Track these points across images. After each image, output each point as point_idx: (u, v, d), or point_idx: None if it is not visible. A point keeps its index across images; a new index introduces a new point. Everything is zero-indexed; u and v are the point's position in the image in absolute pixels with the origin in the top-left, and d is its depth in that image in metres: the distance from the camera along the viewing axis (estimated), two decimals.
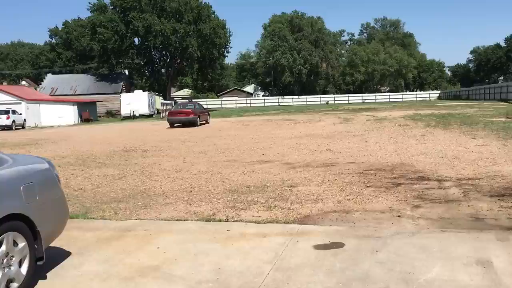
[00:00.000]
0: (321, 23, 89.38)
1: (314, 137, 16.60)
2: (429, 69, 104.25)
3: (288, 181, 8.44)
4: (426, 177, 8.27)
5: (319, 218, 5.92)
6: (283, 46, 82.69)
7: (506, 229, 5.13)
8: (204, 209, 6.59)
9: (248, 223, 5.81)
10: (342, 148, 13.05)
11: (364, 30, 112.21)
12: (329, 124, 23.63)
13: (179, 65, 66.73)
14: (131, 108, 47.43)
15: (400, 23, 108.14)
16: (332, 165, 10.11)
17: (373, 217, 5.84)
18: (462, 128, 17.27)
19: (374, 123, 22.50)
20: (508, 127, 16.63)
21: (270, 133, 19.40)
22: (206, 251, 4.82)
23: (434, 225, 5.41)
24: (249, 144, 15.23)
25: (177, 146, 15.68)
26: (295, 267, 4.27)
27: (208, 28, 59.39)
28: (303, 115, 33.93)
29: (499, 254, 4.33)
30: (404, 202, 6.51)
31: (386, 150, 12.06)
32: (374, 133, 17.28)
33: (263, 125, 25.12)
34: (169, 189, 8.18)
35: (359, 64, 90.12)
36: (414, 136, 15.39)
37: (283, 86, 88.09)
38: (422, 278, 3.87)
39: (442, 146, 12.45)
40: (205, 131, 23.05)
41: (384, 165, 9.73)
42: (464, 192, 6.95)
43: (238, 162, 11.16)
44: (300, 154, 12.14)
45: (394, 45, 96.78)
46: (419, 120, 22.87)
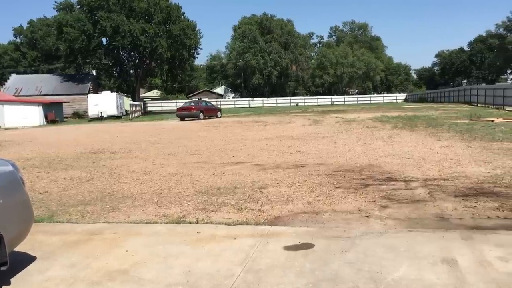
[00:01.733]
0: (290, 26, 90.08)
1: (284, 139, 16.69)
2: (396, 72, 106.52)
3: (259, 182, 8.46)
4: (393, 178, 8.42)
5: (289, 219, 5.95)
6: (253, 48, 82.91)
7: (470, 228, 5.27)
8: (174, 211, 6.53)
9: (218, 225, 5.79)
10: (312, 149, 13.16)
11: (333, 33, 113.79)
12: (299, 125, 23.80)
13: (148, 66, 66.00)
14: (99, 109, 46.59)
15: (368, 26, 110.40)
16: (302, 166, 10.19)
17: (342, 218, 5.91)
18: (428, 130, 17.68)
19: (343, 125, 22.78)
20: (471, 129, 17.13)
21: (241, 135, 19.40)
22: (176, 253, 4.77)
23: (401, 225, 5.52)
24: (220, 146, 15.19)
25: (147, 148, 15.49)
26: (266, 268, 4.28)
27: (178, 29, 58.96)
28: (273, 117, 34.07)
29: (464, 253, 4.45)
30: (372, 203, 6.61)
31: (355, 152, 12.23)
32: (343, 134, 17.50)
33: (234, 127, 25.11)
34: (138, 192, 8.07)
35: (328, 67, 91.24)
36: (381, 137, 15.67)
37: (254, 88, 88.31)
38: (390, 278, 3.94)
39: (408, 147, 12.71)
40: (175, 133, 22.85)
41: (353, 166, 9.86)
42: (430, 192, 7.12)
43: (208, 164, 11.11)
44: (271, 156, 12.18)
45: (362, 48, 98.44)
46: (386, 122, 23.30)
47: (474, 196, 6.74)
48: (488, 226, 5.34)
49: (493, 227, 5.28)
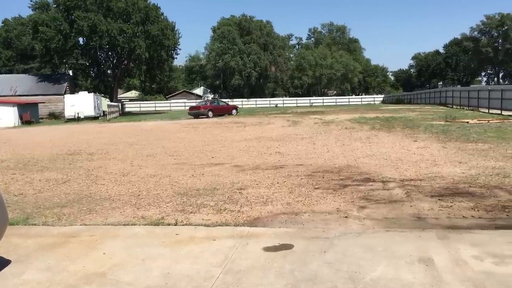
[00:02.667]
0: (269, 27, 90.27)
1: (264, 140, 16.72)
2: (373, 73, 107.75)
3: (238, 183, 8.45)
4: (371, 178, 8.52)
5: (268, 220, 5.96)
6: (233, 49, 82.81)
7: (446, 227, 5.37)
8: (153, 213, 6.48)
9: (197, 226, 5.77)
10: (291, 150, 13.22)
11: (312, 34, 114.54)
12: (278, 127, 23.87)
13: (126, 66, 65.27)
14: (76, 110, 45.87)
15: (346, 28, 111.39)
16: (281, 167, 10.21)
17: (321, 218, 5.95)
18: (405, 131, 17.93)
19: (322, 126, 22.94)
20: (447, 130, 17.44)
21: (220, 136, 19.36)
22: (154, 255, 4.73)
23: (379, 225, 5.58)
24: (199, 147, 15.12)
25: (125, 149, 15.32)
26: (245, 269, 4.28)
27: (156, 29, 58.46)
28: (252, 118, 34.10)
29: (440, 252, 4.52)
30: (350, 203, 6.67)
31: (334, 153, 12.32)
32: (322, 135, 17.62)
33: (213, 128, 25.04)
34: (116, 193, 7.98)
35: (307, 68, 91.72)
36: (360, 138, 15.83)
37: (233, 89, 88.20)
38: (368, 277, 3.98)
39: (386, 148, 12.87)
40: (154, 134, 22.65)
41: (331, 167, 9.94)
42: (407, 192, 7.22)
43: (187, 165, 11.06)
44: (250, 157, 12.19)
45: (341, 50, 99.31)
46: (364, 123, 23.54)
47: (450, 196, 6.86)
48: (464, 225, 5.45)
49: (468, 227, 5.38)
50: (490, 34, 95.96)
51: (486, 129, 17.38)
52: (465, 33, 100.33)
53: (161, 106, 77.31)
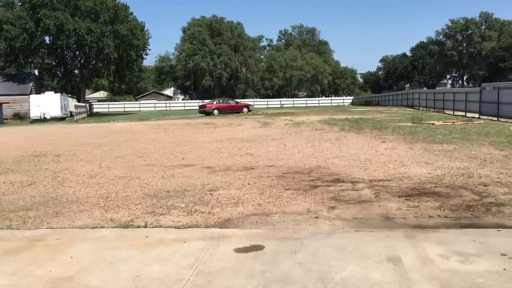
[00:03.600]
0: (240, 28, 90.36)
1: (234, 141, 16.70)
2: (343, 75, 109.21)
3: (209, 185, 8.41)
4: (341, 179, 8.62)
5: (239, 222, 5.95)
6: (203, 50, 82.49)
7: (413, 227, 5.48)
8: (122, 215, 6.38)
9: (168, 228, 5.71)
10: (262, 151, 13.25)
11: (282, 36, 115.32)
12: (249, 128, 23.89)
13: (94, 66, 64.07)
14: (42, 111, 44.69)
15: (316, 31, 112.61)
16: (252, 168, 10.23)
17: (291, 219, 5.98)
18: (373, 132, 18.23)
19: (292, 127, 23.08)
20: (414, 131, 17.83)
21: (190, 137, 19.23)
22: (123, 258, 4.66)
23: (348, 225, 5.66)
24: (169, 148, 14.98)
25: (93, 151, 15.04)
26: (216, 271, 4.26)
27: (125, 29, 57.61)
28: (223, 119, 34.02)
29: (407, 251, 4.62)
30: (321, 204, 6.74)
31: (304, 154, 12.42)
32: (292, 137, 17.73)
33: (183, 129, 24.85)
34: (83, 196, 7.82)
35: (278, 70, 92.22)
36: (329, 139, 16.00)
37: (204, 90, 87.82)
38: (338, 277, 4.03)
39: (355, 149, 13.05)
40: (123, 135, 22.31)
41: (302, 168, 10.01)
42: (376, 193, 7.34)
43: (157, 167, 10.94)
44: (221, 158, 12.15)
45: (311, 52, 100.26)
46: (334, 124, 23.82)
47: (416, 196, 7.01)
48: (430, 224, 5.58)
49: (434, 226, 5.51)
50: (455, 38, 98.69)
51: (451, 131, 17.85)
52: (431, 37, 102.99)
53: (130, 107, 76.28)
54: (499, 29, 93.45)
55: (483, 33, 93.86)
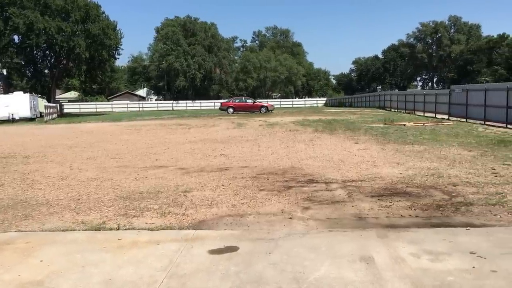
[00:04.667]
0: (214, 29, 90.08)
1: (208, 142, 16.64)
2: (316, 77, 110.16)
3: (183, 186, 8.36)
4: (314, 180, 8.69)
5: (214, 223, 5.93)
6: (177, 50, 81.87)
7: (385, 226, 5.57)
8: (93, 218, 6.27)
9: (141, 230, 5.65)
10: (236, 152, 13.24)
11: (256, 37, 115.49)
12: (223, 129, 23.84)
13: (65, 66, 62.79)
14: (10, 111, 43.53)
15: (290, 32, 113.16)
16: (226, 169, 10.21)
17: (266, 220, 6.00)
18: (346, 133, 18.45)
19: (267, 128, 23.15)
20: (386, 132, 18.12)
21: (164, 138, 19.06)
22: (95, 262, 4.58)
23: (322, 225, 5.70)
24: (142, 149, 14.81)
25: (63, 152, 14.74)
26: (190, 273, 4.23)
27: (97, 28, 56.65)
28: (197, 120, 33.86)
29: (380, 251, 4.69)
30: (295, 204, 6.77)
31: (278, 154, 12.47)
32: (266, 138, 17.77)
33: (157, 130, 24.61)
34: (53, 198, 7.65)
35: (252, 70, 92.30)
36: (303, 140, 16.11)
37: (177, 91, 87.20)
38: (312, 277, 4.05)
39: (328, 150, 13.18)
40: (95, 136, 21.94)
41: (276, 169, 10.04)
42: (349, 193, 7.43)
43: (130, 168, 10.80)
44: (195, 159, 12.09)
45: (284, 53, 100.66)
46: (308, 125, 23.99)
47: (388, 196, 7.13)
48: (402, 224, 5.67)
49: (406, 225, 5.61)
50: (425, 41, 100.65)
51: (421, 132, 18.21)
52: (402, 40, 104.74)
53: (103, 108, 75.13)
54: (467, 33, 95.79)
55: (452, 37, 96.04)
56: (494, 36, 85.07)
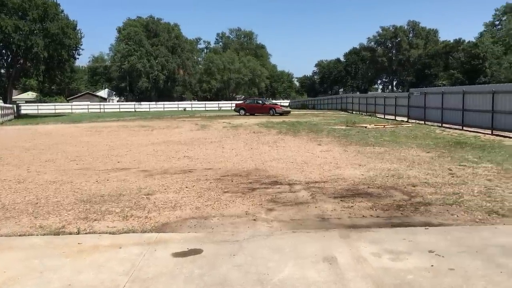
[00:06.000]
0: (177, 30, 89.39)
1: (172, 144, 16.47)
2: (279, 79, 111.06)
3: (145, 189, 8.24)
4: (278, 181, 8.74)
5: (177, 226, 5.88)
6: (139, 51, 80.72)
7: (348, 227, 5.66)
8: (52, 222, 6.09)
9: (102, 234, 5.53)
10: (200, 154, 13.16)
11: (220, 39, 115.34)
12: (187, 130, 23.66)
13: (22, 65, 60.82)
14: None
15: (253, 34, 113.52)
16: (190, 171, 10.13)
17: (230, 222, 5.99)
18: (309, 135, 18.66)
19: (231, 130, 23.13)
20: (348, 134, 18.44)
21: (126, 140, 18.74)
22: (54, 267, 4.45)
23: (286, 226, 5.74)
24: (103, 151, 14.51)
25: (20, 154, 14.25)
26: (153, 277, 4.18)
27: (56, 27, 55.14)
28: (160, 122, 33.46)
29: (342, 251, 4.76)
30: (259, 206, 6.79)
31: (242, 156, 12.47)
32: (230, 139, 17.75)
33: (118, 132, 24.16)
34: (10, 202, 7.39)
35: (216, 72, 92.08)
36: (267, 142, 16.18)
37: (140, 92, 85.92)
38: (276, 278, 4.07)
39: (292, 152, 13.29)
40: (54, 138, 21.32)
41: (240, 171, 10.05)
42: (312, 194, 7.51)
43: (91, 171, 10.56)
44: (158, 161, 11.94)
45: (248, 55, 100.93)
46: (271, 127, 24.11)
47: (350, 197, 7.25)
48: (363, 224, 5.78)
49: (367, 225, 5.72)
50: (385, 45, 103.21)
51: (382, 134, 18.64)
52: (363, 43, 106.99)
53: (62, 109, 73.14)
54: (425, 37, 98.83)
55: (411, 41, 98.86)
56: (450, 41, 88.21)
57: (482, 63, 59.50)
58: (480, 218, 5.95)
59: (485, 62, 59.49)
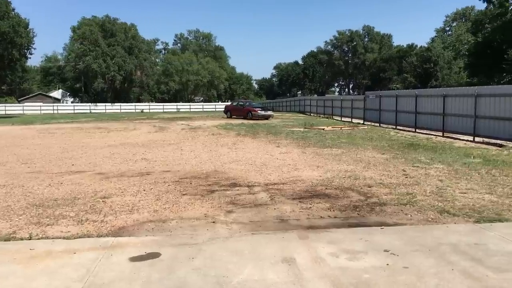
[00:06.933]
0: (134, 30, 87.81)
1: (129, 146, 16.17)
2: (238, 81, 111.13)
3: (101, 192, 8.04)
4: (238, 183, 8.74)
5: (134, 229, 5.77)
6: (95, 51, 78.76)
7: (306, 228, 5.73)
8: (2, 227, 5.85)
9: (55, 239, 5.35)
10: (158, 157, 12.99)
11: (178, 40, 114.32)
12: (145, 132, 23.30)
13: None
14: None
15: (212, 36, 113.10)
16: (147, 174, 9.98)
17: (189, 225, 5.93)
18: (268, 137, 18.77)
19: (189, 132, 22.95)
20: (306, 136, 18.68)
21: (81, 142, 18.24)
22: (5, 274, 4.27)
23: (245, 228, 5.75)
24: (57, 154, 14.06)
25: None
26: (109, 282, 4.08)
27: (6, 25, 53.02)
28: (117, 123, 32.78)
29: (301, 251, 4.81)
30: (218, 208, 6.76)
31: (201, 158, 12.40)
32: (189, 141, 17.61)
33: (73, 133, 23.49)
34: None
35: (174, 74, 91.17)
36: (226, 144, 16.16)
37: (95, 93, 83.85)
38: (235, 280, 4.07)
39: (251, 153, 13.33)
40: (3, 140, 20.47)
41: (199, 173, 9.98)
42: (271, 196, 7.56)
43: (43, 174, 10.21)
44: (114, 164, 11.69)
45: (207, 57, 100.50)
46: (230, 129, 24.11)
47: (309, 198, 7.34)
48: (321, 225, 5.86)
49: (325, 226, 5.80)
50: (342, 49, 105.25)
51: (339, 135, 18.99)
52: (320, 47, 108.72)
53: (13, 110, 70.35)
54: (379, 42, 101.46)
55: (366, 45, 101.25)
56: (404, 46, 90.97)
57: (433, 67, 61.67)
58: (432, 218, 6.16)
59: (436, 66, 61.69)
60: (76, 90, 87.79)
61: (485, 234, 5.38)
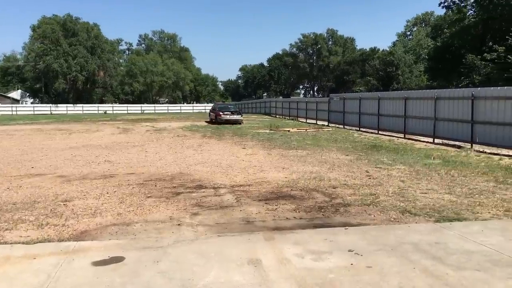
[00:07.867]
0: (97, 30, 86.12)
1: (92, 148, 15.82)
2: (204, 83, 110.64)
3: (63, 195, 7.84)
4: (203, 185, 8.69)
5: (97, 233, 5.65)
6: (56, 51, 76.74)
7: (272, 229, 5.75)
8: None
9: (14, 244, 5.18)
10: (122, 159, 12.77)
11: (142, 41, 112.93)
12: (108, 134, 22.86)
13: None
14: None
15: (177, 37, 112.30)
16: (111, 176, 9.79)
17: (154, 228, 5.86)
18: (234, 139, 18.76)
19: (154, 133, 22.67)
20: (271, 138, 18.76)
21: (41, 144, 17.72)
22: None
23: (211, 230, 5.72)
24: (16, 156, 13.61)
25: None
26: (71, 287, 3.97)
27: None
28: (79, 125, 32.04)
29: (267, 253, 4.82)
30: (183, 211, 6.71)
31: (166, 160, 12.27)
32: (154, 143, 17.40)
33: (33, 135, 22.80)
34: None
35: (138, 74, 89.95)
36: (192, 146, 16.05)
37: (56, 94, 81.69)
38: (201, 283, 4.04)
39: (217, 155, 13.28)
40: None
41: (164, 175, 9.87)
42: (237, 198, 7.55)
43: (1, 177, 9.86)
44: (76, 166, 11.41)
45: (172, 58, 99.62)
46: (196, 131, 23.96)
47: (275, 200, 7.38)
48: (287, 226, 5.90)
49: (291, 227, 5.84)
50: (307, 51, 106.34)
51: (304, 137, 19.17)
52: (285, 49, 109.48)
53: None
54: (343, 45, 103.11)
55: (330, 48, 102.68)
56: (366, 50, 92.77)
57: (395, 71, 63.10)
58: (394, 218, 6.29)
59: (398, 69, 63.15)
60: (36, 91, 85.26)
61: (445, 233, 5.54)
